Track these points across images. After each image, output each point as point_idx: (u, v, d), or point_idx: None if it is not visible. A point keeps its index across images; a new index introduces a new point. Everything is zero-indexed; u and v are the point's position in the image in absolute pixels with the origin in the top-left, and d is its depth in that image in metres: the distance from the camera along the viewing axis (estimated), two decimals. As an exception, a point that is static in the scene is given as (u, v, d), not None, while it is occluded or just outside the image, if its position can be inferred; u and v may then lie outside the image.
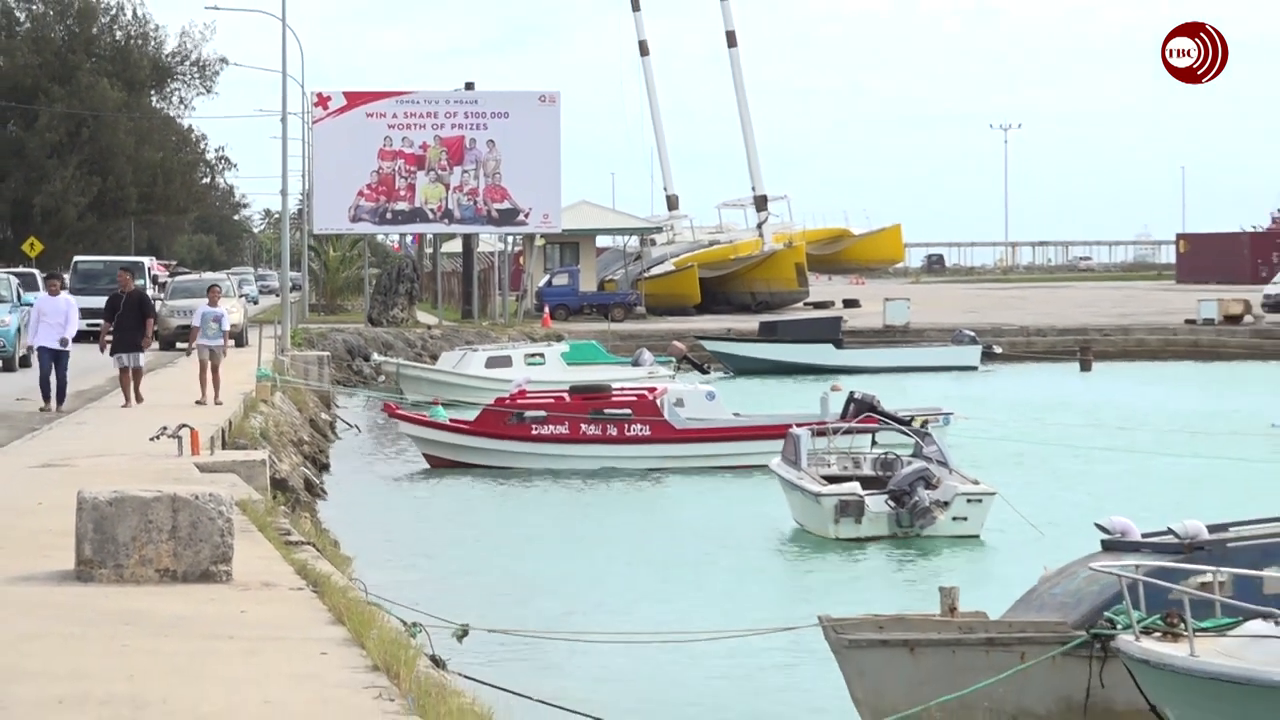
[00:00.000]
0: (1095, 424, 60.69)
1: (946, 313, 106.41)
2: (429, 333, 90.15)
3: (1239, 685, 18.53)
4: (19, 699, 13.16)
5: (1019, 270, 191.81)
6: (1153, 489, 41.15)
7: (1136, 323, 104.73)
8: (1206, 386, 79.12)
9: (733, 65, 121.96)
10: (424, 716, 12.97)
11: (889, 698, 22.04)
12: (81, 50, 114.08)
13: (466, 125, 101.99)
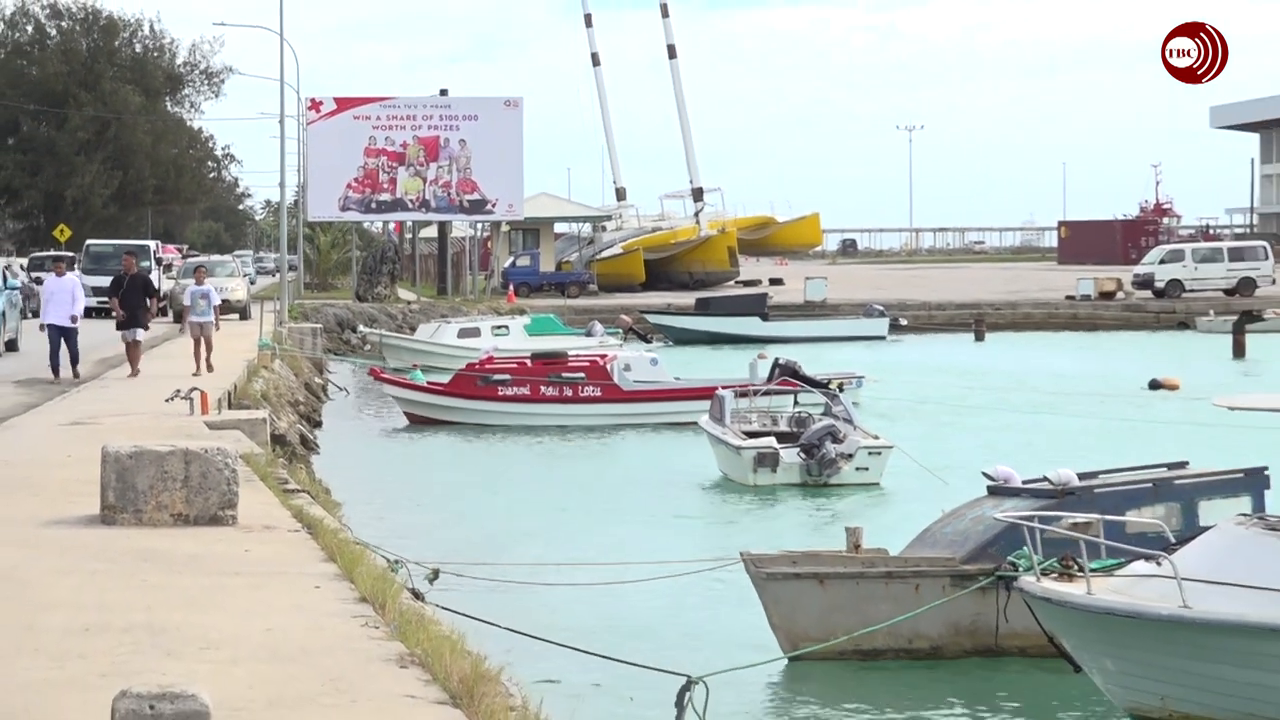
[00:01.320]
0: (986, 386, 60.62)
1: (859, 290, 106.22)
2: (408, 307, 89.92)
3: (1131, 619, 18.57)
4: (51, 627, 13.26)
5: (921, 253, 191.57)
6: (1035, 441, 41.32)
7: (1023, 298, 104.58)
8: (1083, 353, 79.09)
9: (673, 74, 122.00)
10: (405, 642, 12.97)
11: (801, 624, 22.18)
12: (105, 61, 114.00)
13: (441, 126, 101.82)
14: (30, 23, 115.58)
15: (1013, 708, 20.20)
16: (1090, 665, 19.41)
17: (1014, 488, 23.68)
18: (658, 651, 21.26)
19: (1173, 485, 23.13)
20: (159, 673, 11.10)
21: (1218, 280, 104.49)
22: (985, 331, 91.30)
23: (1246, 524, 19.53)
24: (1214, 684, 18.47)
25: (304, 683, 11.56)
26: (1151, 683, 18.82)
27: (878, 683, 20.93)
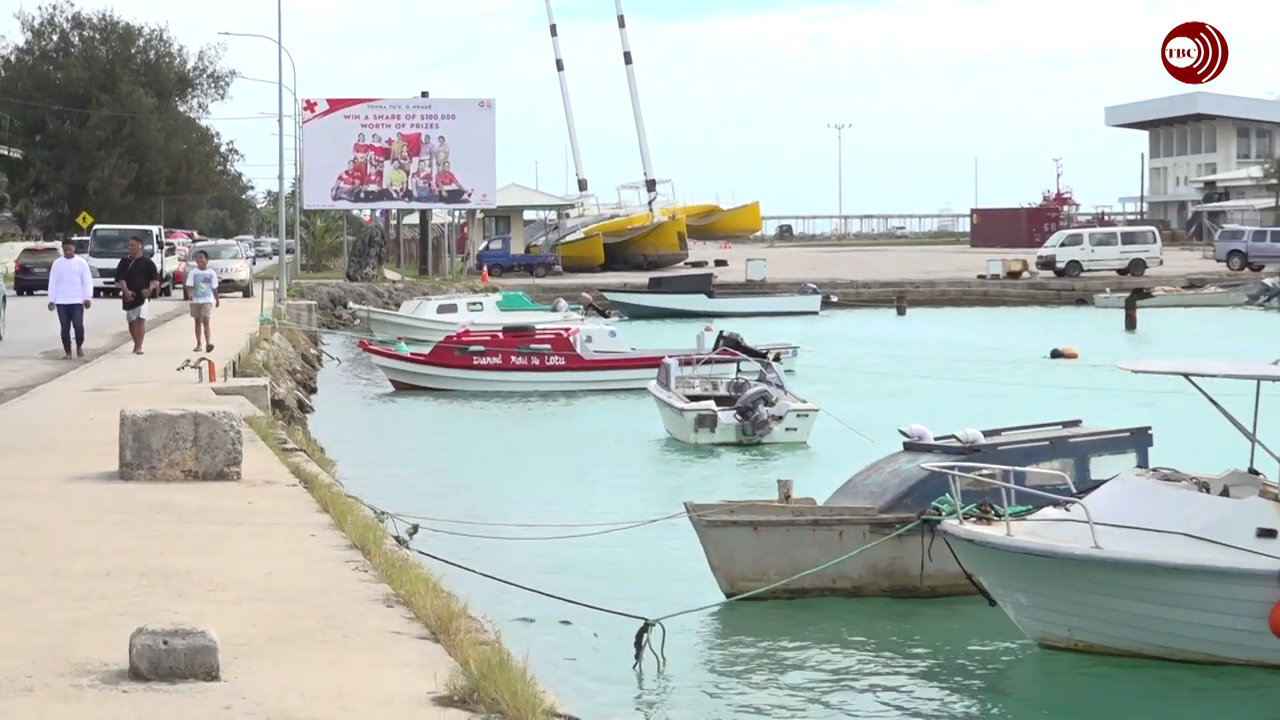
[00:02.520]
0: (907, 355, 60.80)
1: (794, 270, 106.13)
2: (393, 286, 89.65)
3: (1047, 558, 18.67)
4: (75, 571, 13.32)
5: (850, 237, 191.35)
6: (947, 403, 41.39)
7: (940, 278, 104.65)
8: (992, 326, 79.18)
9: (629, 78, 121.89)
10: (390, 583, 13.02)
11: (738, 565, 22.23)
12: (122, 66, 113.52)
13: (422, 125, 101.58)
14: (55, 32, 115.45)
15: (933, 637, 20.15)
16: (1004, 600, 19.44)
17: (926, 444, 23.69)
18: (618, 594, 21.37)
19: (1067, 442, 23.24)
20: (171, 612, 11.19)
21: (1112, 261, 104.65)
22: (906, 307, 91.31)
23: (1145, 475, 19.72)
24: (1117, 616, 18.58)
25: (301, 620, 11.61)
26: (1060, 615, 18.90)
27: (811, 619, 20.88)
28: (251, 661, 10.26)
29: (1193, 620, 18.27)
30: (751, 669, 18.96)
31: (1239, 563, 17.98)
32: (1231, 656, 18.16)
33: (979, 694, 18.32)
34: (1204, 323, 76.52)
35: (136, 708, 9.23)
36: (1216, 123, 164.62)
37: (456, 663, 10.20)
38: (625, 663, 18.39)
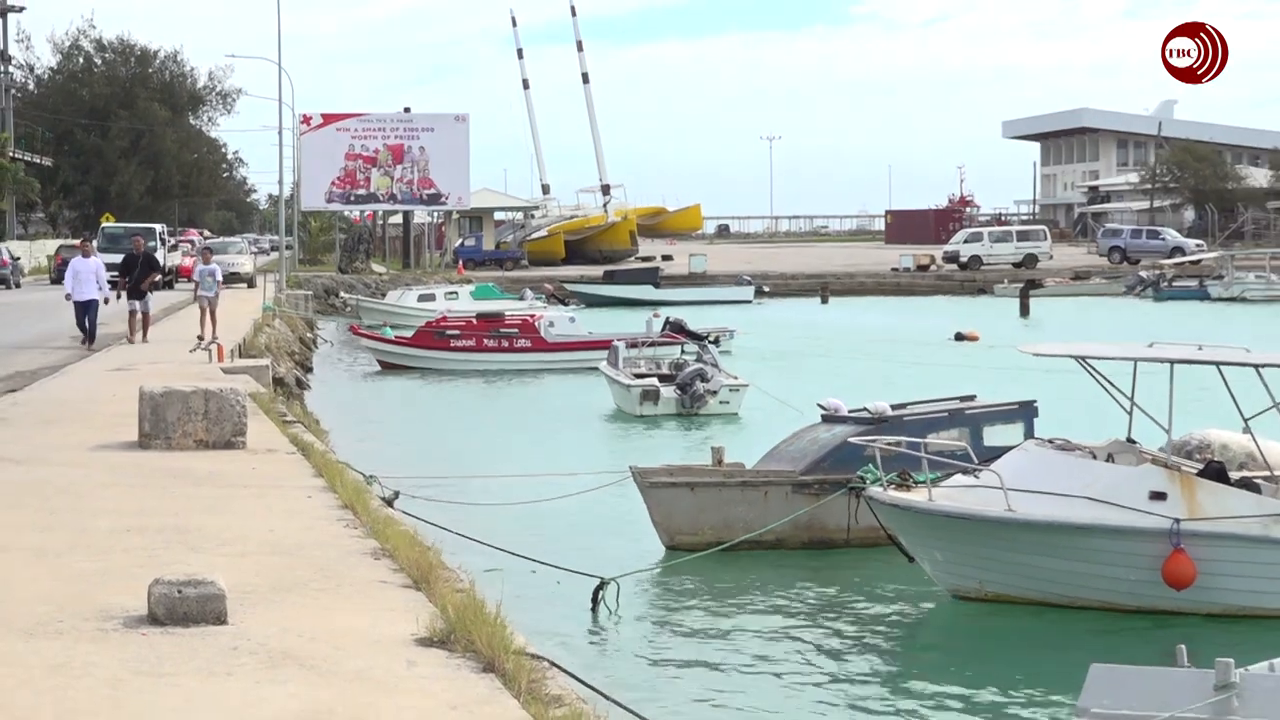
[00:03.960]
0: (828, 338, 60.88)
1: (731, 264, 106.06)
2: (380, 278, 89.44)
3: (966, 519, 18.69)
4: (100, 528, 13.36)
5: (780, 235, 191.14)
6: (862, 380, 41.43)
7: (858, 270, 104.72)
8: (904, 313, 79.25)
9: (586, 96, 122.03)
10: (377, 539, 13.05)
11: (676, 521, 22.31)
12: (140, 84, 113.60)
13: (405, 136, 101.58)
14: (81, 54, 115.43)
15: (855, 587, 20.12)
16: (922, 556, 19.45)
17: (841, 416, 23.74)
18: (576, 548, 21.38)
19: (964, 414, 23.34)
20: (185, 564, 11.24)
21: (1008, 256, 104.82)
22: (829, 296, 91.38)
23: (1044, 446, 19.75)
24: (1026, 570, 18.61)
25: (299, 571, 11.65)
26: (974, 570, 18.92)
27: (743, 571, 20.85)
28: (255, 607, 10.31)
29: (1094, 572, 18.36)
30: (692, 617, 18.95)
31: (1135, 522, 18.10)
32: (1127, 604, 18.26)
33: (899, 638, 18.37)
34: (1088, 310, 76.80)
35: (155, 648, 9.29)
36: (1099, 135, 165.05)
37: (436, 608, 10.26)
38: (585, 612, 18.46)
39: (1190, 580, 17.87)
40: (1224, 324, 61.56)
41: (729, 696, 15.60)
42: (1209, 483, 18.57)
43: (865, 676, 16.57)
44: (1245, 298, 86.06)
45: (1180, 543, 17.86)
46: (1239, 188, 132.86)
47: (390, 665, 8.96)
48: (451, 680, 8.66)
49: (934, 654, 17.99)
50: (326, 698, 8.26)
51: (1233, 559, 17.69)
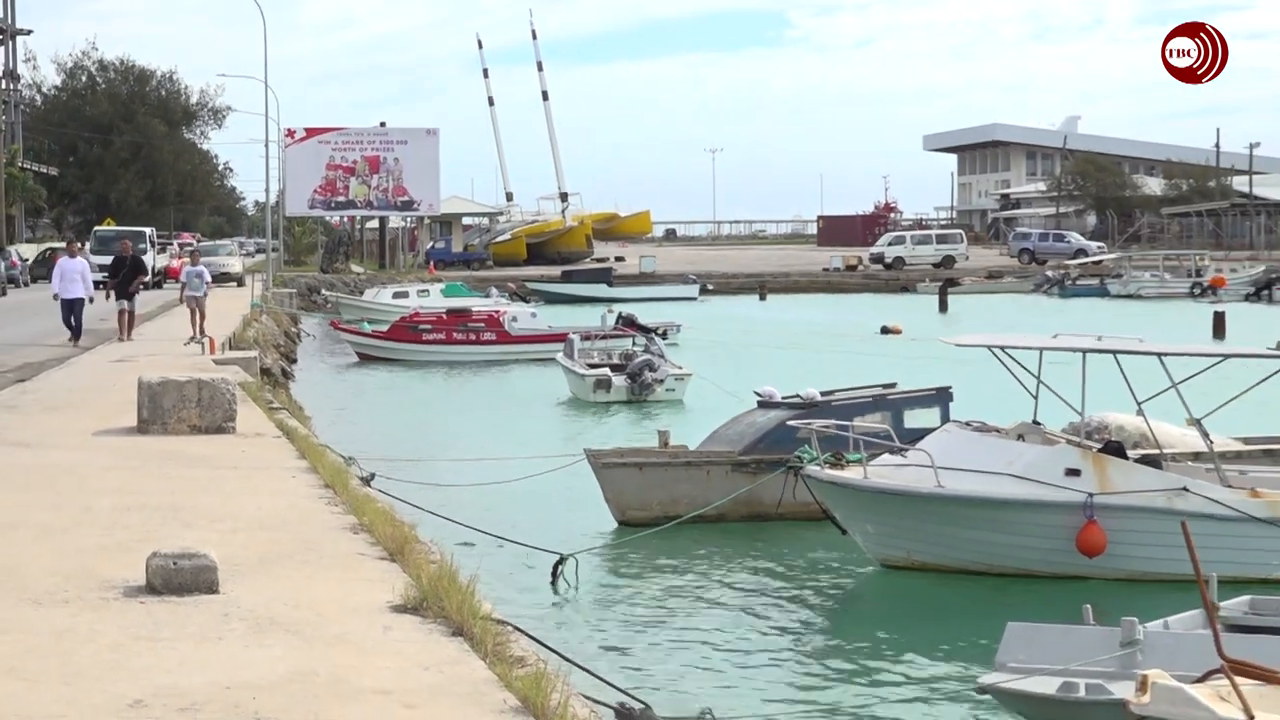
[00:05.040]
0: (766, 331, 61.01)
1: (678, 265, 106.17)
2: (358, 278, 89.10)
3: (899, 495, 18.72)
4: (103, 506, 13.26)
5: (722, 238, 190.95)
6: (795, 369, 41.48)
7: (793, 270, 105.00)
8: (834, 309, 79.54)
9: (546, 112, 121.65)
10: (356, 515, 12.96)
11: (627, 498, 22.35)
12: (139, 101, 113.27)
13: (381, 148, 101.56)
14: (84, 74, 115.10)
15: (791, 557, 20.16)
16: (854, 529, 19.43)
17: (776, 402, 23.81)
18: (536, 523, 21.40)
19: (887, 399, 23.42)
20: (180, 539, 11.18)
21: (929, 257, 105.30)
22: (767, 294, 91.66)
23: (963, 428, 19.84)
24: (953, 541, 18.66)
25: (284, 545, 11.59)
26: (902, 541, 18.94)
27: (689, 543, 20.83)
28: (244, 578, 10.28)
29: (1014, 542, 18.44)
30: (643, 587, 18.95)
31: (1053, 496, 18.21)
32: (1044, 570, 18.33)
33: (832, 604, 18.39)
34: (1001, 306, 77.10)
35: (152, 615, 9.26)
36: (1010, 148, 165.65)
37: (410, 578, 10.23)
38: (546, 583, 18.45)
39: (1101, 549, 18.05)
40: (1122, 318, 61.86)
41: (677, 658, 15.61)
42: (1118, 460, 18.73)
43: (802, 639, 16.61)
44: (1141, 295, 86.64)
45: (1093, 515, 18.04)
46: (1136, 195, 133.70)
47: (368, 630, 8.95)
48: (424, 643, 8.66)
49: (865, 617, 18.02)
50: (310, 660, 8.25)
51: (1139, 529, 17.83)
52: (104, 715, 7.21)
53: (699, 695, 12.85)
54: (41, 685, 7.73)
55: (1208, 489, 18.30)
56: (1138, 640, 12.24)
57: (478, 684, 7.84)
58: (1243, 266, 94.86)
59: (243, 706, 7.36)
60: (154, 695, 7.52)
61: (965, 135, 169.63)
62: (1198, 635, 11.60)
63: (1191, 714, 9.42)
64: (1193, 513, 17.70)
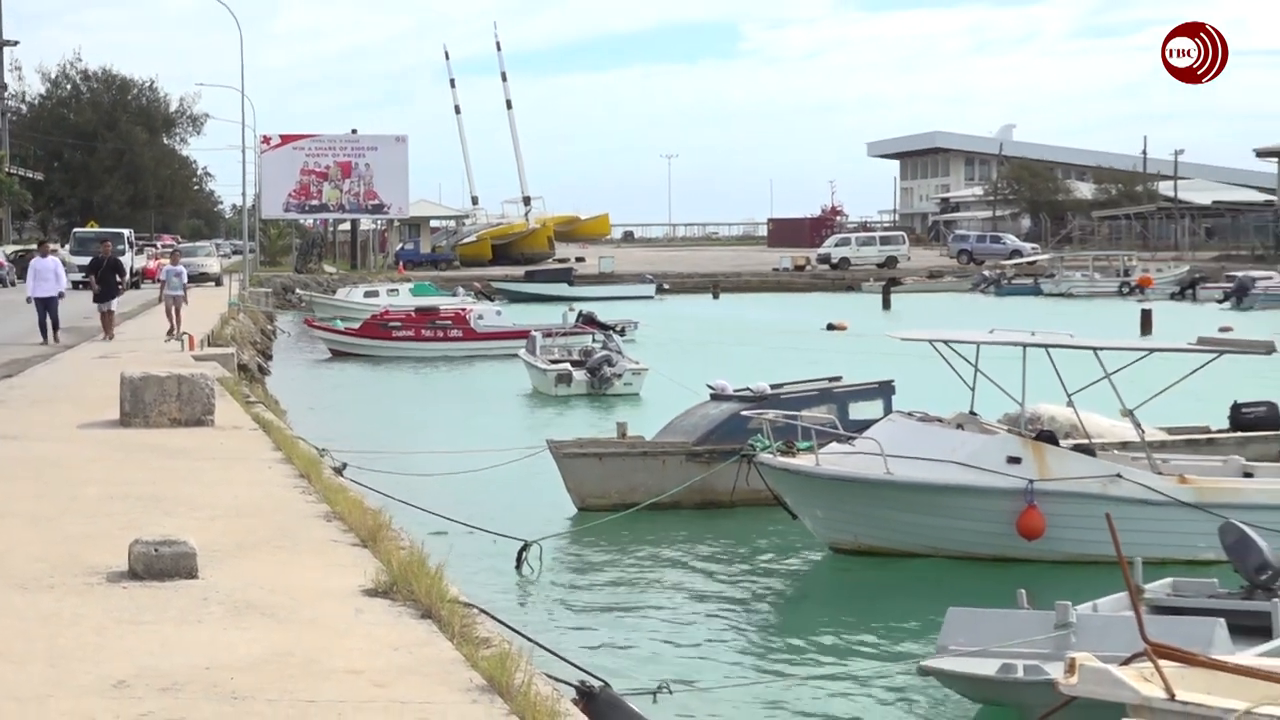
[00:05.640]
0: (718, 328, 61.13)
1: (635, 265, 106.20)
2: (330, 277, 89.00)
3: (850, 482, 18.69)
4: (88, 496, 13.22)
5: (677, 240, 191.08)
6: (746, 363, 41.58)
7: (745, 270, 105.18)
8: (783, 307, 79.78)
9: (510, 120, 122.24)
10: (329, 504, 12.93)
11: (586, 486, 22.36)
12: (121, 109, 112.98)
13: (353, 154, 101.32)
14: (69, 83, 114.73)
15: (743, 541, 20.17)
16: (805, 514, 19.40)
17: (728, 394, 23.86)
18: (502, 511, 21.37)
19: (832, 392, 23.52)
20: (161, 526, 11.14)
21: (873, 258, 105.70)
22: (719, 293, 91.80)
23: (910, 418, 19.82)
24: (900, 525, 18.68)
25: (260, 532, 11.55)
26: (851, 525, 18.92)
27: (646, 528, 20.83)
28: (222, 564, 10.25)
29: (958, 526, 18.49)
30: (602, 571, 18.93)
31: (996, 482, 18.26)
32: (985, 552, 18.37)
33: (783, 585, 18.39)
34: (941, 303, 77.40)
35: (134, 599, 9.23)
36: (950, 154, 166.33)
37: (381, 563, 10.21)
38: (511, 568, 18.42)
39: (1040, 532, 18.11)
40: (1055, 315, 62.12)
41: (635, 638, 15.61)
42: (1056, 448, 18.82)
43: (754, 618, 16.64)
44: (1072, 294, 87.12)
45: (1033, 500, 18.10)
46: (1068, 199, 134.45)
47: (340, 613, 8.93)
48: (394, 625, 8.65)
49: (813, 598, 18.03)
50: (285, 641, 8.23)
51: (1076, 513, 17.89)
52: (89, 695, 7.18)
53: (656, 672, 12.86)
54: (29, 667, 7.69)
55: (1140, 476, 18.41)
56: (1071, 623, 12.36)
57: (445, 664, 7.83)
58: (1168, 267, 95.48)
59: (221, 686, 7.34)
60: (136, 676, 7.50)
61: (907, 142, 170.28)
62: (1127, 618, 11.67)
63: (1116, 694, 9.48)
64: (1126, 498, 17.87)
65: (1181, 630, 11.30)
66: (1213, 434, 23.51)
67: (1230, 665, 10.18)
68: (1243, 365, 23.31)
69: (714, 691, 13.33)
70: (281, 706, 7.03)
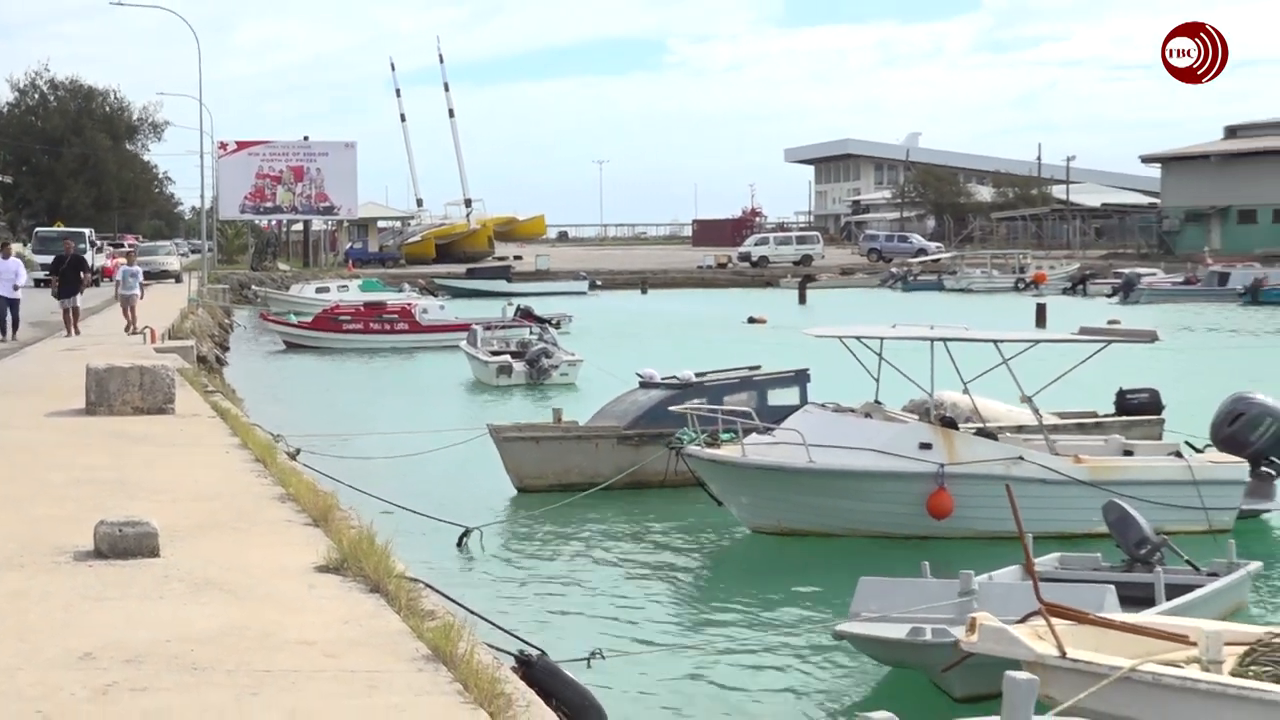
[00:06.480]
0: (647, 321, 61.17)
1: (570, 263, 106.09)
2: (284, 275, 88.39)
3: (775, 470, 18.68)
4: (55, 481, 13.12)
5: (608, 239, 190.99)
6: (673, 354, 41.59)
7: (671, 268, 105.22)
8: (707, 302, 79.94)
9: (452, 127, 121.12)
10: (283, 486, 12.90)
11: (524, 468, 22.32)
12: (87, 116, 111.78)
13: (305, 159, 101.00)
14: (36, 92, 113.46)
15: (672, 521, 20.12)
16: (730, 501, 19.38)
17: (655, 382, 23.86)
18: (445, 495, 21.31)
19: (753, 380, 23.52)
20: (125, 508, 11.07)
21: (790, 256, 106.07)
22: (648, 288, 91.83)
23: (823, 408, 19.89)
24: (820, 508, 18.67)
25: (219, 514, 11.50)
26: (774, 510, 18.90)
27: (580, 508, 20.79)
28: (183, 543, 10.20)
29: (875, 508, 18.53)
30: (539, 549, 18.86)
31: (909, 467, 18.34)
32: (898, 532, 18.44)
33: (708, 563, 18.38)
34: (852, 298, 77.82)
35: (100, 577, 9.16)
36: (860, 160, 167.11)
37: (332, 542, 10.19)
38: (454, 549, 18.36)
39: (950, 512, 18.22)
40: (956, 309, 62.56)
41: (571, 610, 15.61)
42: (963, 434, 18.95)
43: (681, 591, 16.66)
44: (972, 289, 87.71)
45: (943, 482, 18.21)
46: (969, 202, 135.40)
47: (294, 588, 8.90)
48: (344, 600, 8.62)
49: (737, 573, 18.01)
50: (242, 615, 8.19)
51: (982, 493, 17.98)
52: (57, 668, 7.13)
53: (590, 639, 12.86)
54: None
55: (1040, 457, 18.57)
56: (973, 590, 12.49)
57: (392, 635, 7.82)
58: (1061, 264, 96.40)
59: (182, 658, 7.31)
60: (102, 649, 7.45)
61: (822, 149, 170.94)
62: (1023, 585, 11.81)
63: (1012, 650, 9.62)
64: (1028, 478, 18.02)
65: (1075, 596, 11.45)
66: (1100, 418, 23.77)
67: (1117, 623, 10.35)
68: (1129, 354, 23.52)
69: (642, 657, 13.36)
70: (239, 676, 7.00)
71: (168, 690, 6.76)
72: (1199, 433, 20.74)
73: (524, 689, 7.45)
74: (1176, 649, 9.85)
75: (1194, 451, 19.34)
